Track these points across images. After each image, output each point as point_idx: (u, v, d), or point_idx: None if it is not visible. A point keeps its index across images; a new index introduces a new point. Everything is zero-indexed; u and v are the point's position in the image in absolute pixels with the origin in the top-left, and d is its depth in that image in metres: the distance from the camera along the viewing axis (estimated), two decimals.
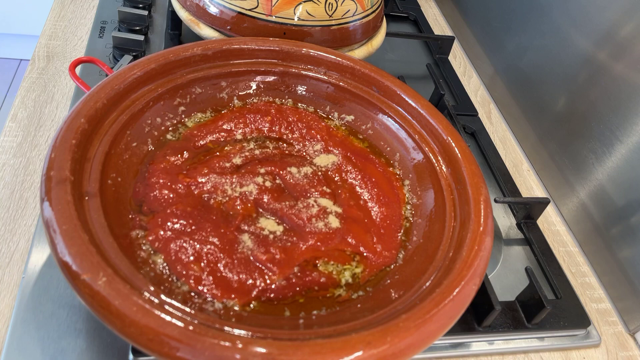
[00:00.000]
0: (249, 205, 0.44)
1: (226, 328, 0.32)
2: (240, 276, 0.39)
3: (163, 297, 0.33)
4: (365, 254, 0.44)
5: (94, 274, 0.31)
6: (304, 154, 0.51)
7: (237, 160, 0.48)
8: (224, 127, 0.51)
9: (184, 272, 0.38)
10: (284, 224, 0.44)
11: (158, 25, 0.75)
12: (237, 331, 0.32)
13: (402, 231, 0.46)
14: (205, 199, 0.44)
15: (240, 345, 0.30)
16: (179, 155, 0.46)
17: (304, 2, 0.57)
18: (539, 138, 0.69)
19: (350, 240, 0.44)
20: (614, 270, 0.56)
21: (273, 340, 0.31)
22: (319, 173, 0.49)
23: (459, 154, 0.48)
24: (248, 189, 0.45)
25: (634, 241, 0.54)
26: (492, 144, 0.69)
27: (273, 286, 0.39)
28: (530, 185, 0.67)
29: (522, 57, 0.73)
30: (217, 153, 0.48)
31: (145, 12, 0.71)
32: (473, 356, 0.48)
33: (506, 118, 0.76)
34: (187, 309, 0.33)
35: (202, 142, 0.49)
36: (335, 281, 0.41)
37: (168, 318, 0.31)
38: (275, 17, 0.57)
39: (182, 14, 0.62)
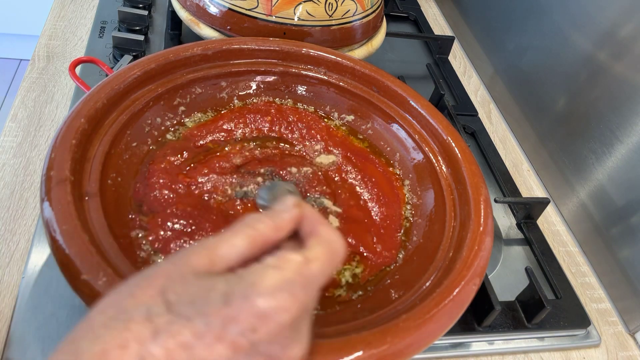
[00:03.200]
0: (249, 205, 0.44)
1: None
2: None
3: None
4: (365, 254, 0.44)
5: (94, 274, 0.31)
6: (304, 154, 0.51)
7: (237, 160, 0.48)
8: (224, 127, 0.51)
9: None
10: None
11: (158, 25, 0.75)
12: None
13: (402, 231, 0.46)
14: (206, 198, 0.44)
15: None
16: (179, 155, 0.46)
17: (304, 2, 0.57)
18: (539, 138, 0.69)
19: (350, 240, 0.44)
20: (614, 270, 0.56)
21: None
22: (319, 173, 0.49)
23: (459, 154, 0.48)
24: (248, 189, 0.45)
25: (634, 241, 0.54)
26: (492, 144, 0.69)
27: None
28: (530, 185, 0.67)
29: (522, 57, 0.73)
30: (217, 153, 0.48)
31: (145, 12, 0.71)
32: (473, 356, 0.48)
33: (506, 118, 0.76)
34: None
35: (202, 142, 0.49)
36: (336, 281, 0.41)
37: None
38: (275, 17, 0.57)
39: (182, 14, 0.62)
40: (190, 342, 0.21)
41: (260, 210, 0.43)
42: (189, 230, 0.40)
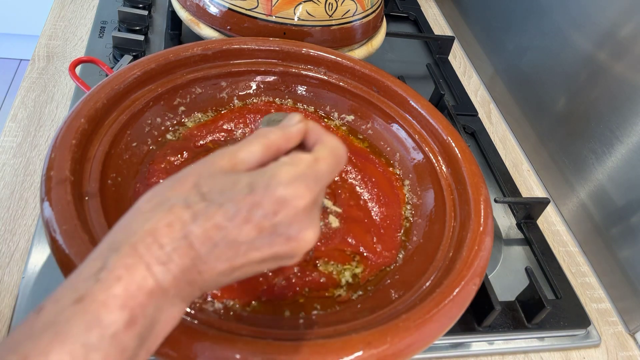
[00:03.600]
0: None
1: (226, 328, 0.32)
2: None
3: None
4: (365, 254, 0.44)
5: None
6: None
7: None
8: (224, 127, 0.51)
9: None
10: None
11: (158, 25, 0.75)
12: (237, 331, 0.32)
13: (402, 231, 0.46)
14: None
15: (240, 345, 0.30)
16: (179, 155, 0.46)
17: (304, 2, 0.57)
18: (539, 138, 0.69)
19: (350, 240, 0.44)
20: (614, 270, 0.56)
21: (273, 340, 0.31)
22: None
23: (459, 154, 0.48)
24: None
25: (634, 241, 0.54)
26: (492, 144, 0.69)
27: (273, 286, 0.39)
28: (530, 185, 0.67)
29: (522, 57, 0.73)
30: None
31: (145, 12, 0.71)
32: (473, 356, 0.48)
33: (506, 118, 0.76)
34: (187, 309, 0.33)
35: (202, 142, 0.49)
36: (335, 281, 0.41)
37: None
38: (275, 17, 0.57)
39: (182, 14, 0.62)
40: (223, 223, 0.25)
41: None
42: None
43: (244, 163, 0.27)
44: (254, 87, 0.55)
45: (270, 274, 0.39)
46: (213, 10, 0.58)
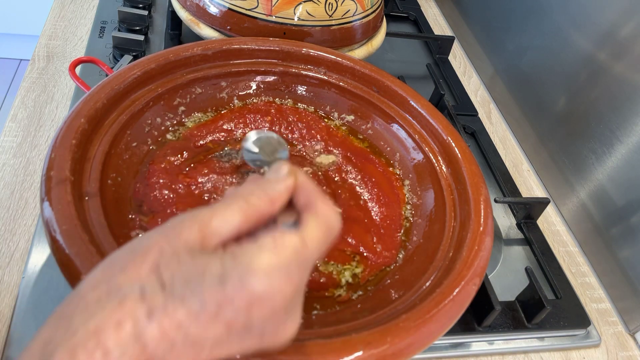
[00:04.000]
0: None
1: None
2: None
3: None
4: (365, 254, 0.44)
5: None
6: (304, 154, 0.51)
7: (237, 160, 0.48)
8: (224, 127, 0.51)
9: None
10: None
11: (158, 25, 0.75)
12: None
13: (402, 231, 0.46)
14: (206, 198, 0.44)
15: None
16: (179, 155, 0.46)
17: (304, 2, 0.57)
18: (539, 138, 0.69)
19: (350, 240, 0.44)
20: (614, 270, 0.56)
21: None
22: (319, 173, 0.49)
23: (459, 154, 0.48)
24: None
25: (634, 241, 0.54)
26: (492, 144, 0.69)
27: None
28: (530, 185, 0.67)
29: (522, 57, 0.73)
30: (217, 153, 0.48)
31: (145, 12, 0.71)
32: (473, 356, 0.48)
33: (506, 118, 0.76)
34: None
35: (202, 142, 0.49)
36: (335, 281, 0.41)
37: None
38: (275, 17, 0.57)
39: (182, 14, 0.62)
40: (185, 322, 0.21)
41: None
42: None
43: (216, 235, 0.23)
44: (254, 87, 0.55)
45: None
46: (213, 10, 0.58)
